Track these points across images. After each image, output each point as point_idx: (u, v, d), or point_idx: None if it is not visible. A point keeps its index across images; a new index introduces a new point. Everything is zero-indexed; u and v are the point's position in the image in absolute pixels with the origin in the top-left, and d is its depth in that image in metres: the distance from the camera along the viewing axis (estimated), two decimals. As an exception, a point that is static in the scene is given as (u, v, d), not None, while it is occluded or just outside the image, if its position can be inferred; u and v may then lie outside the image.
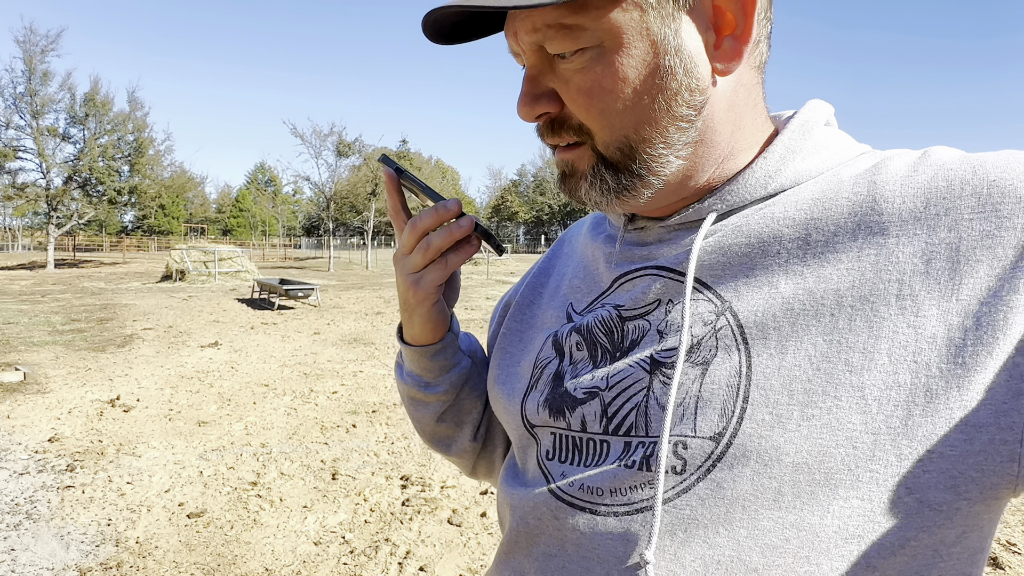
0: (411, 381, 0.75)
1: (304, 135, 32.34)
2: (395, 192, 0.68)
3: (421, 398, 0.76)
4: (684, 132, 0.51)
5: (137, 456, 4.51)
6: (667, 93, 0.49)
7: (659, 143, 0.51)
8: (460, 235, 0.63)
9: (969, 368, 0.42)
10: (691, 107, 0.50)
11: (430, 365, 0.73)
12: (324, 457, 4.57)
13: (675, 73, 0.49)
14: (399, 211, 0.68)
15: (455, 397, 0.76)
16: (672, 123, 0.50)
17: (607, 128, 0.51)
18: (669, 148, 0.51)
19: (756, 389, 0.47)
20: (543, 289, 0.73)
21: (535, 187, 71.07)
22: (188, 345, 8.82)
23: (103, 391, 6.21)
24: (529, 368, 0.66)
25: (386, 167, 0.67)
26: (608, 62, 0.49)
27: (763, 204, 0.53)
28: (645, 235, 0.60)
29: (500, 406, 0.69)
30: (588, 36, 0.48)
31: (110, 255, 45.46)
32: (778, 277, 0.50)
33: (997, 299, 0.42)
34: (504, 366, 0.71)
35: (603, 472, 0.54)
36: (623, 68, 0.49)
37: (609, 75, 0.49)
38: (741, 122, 0.54)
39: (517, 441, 0.66)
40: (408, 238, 0.65)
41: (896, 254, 0.46)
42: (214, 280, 20.65)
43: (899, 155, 0.52)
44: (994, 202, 0.44)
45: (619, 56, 0.48)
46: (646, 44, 0.48)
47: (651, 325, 0.56)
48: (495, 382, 0.71)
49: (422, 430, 0.80)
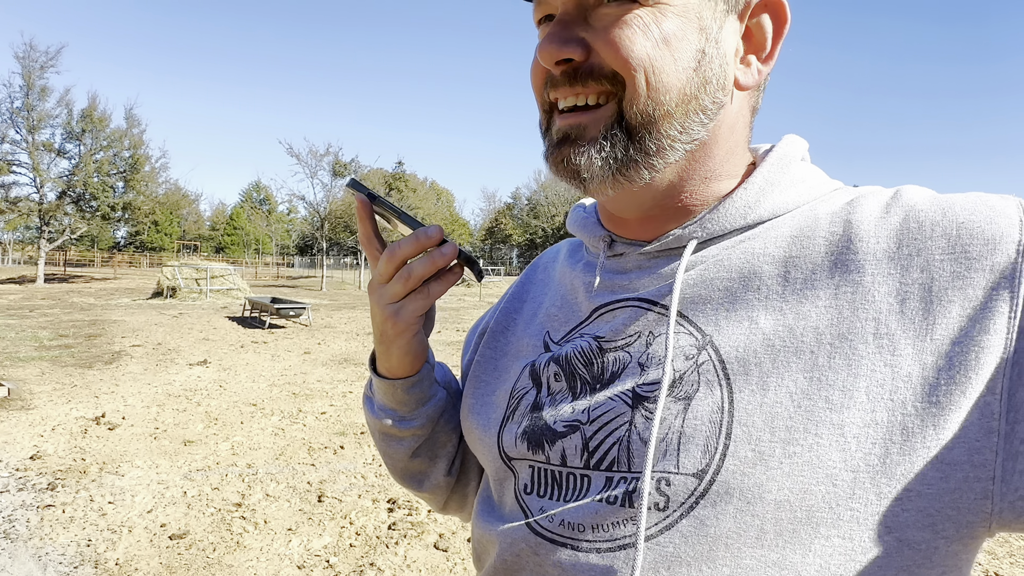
0: (384, 415, 0.71)
1: (300, 155, 32.50)
2: (367, 219, 0.64)
3: (395, 433, 0.71)
4: (698, 126, 0.52)
5: (120, 475, 4.44)
6: (702, 76, 0.50)
7: (677, 124, 0.51)
8: (444, 263, 0.61)
9: (943, 407, 0.43)
10: (713, 102, 0.52)
11: (406, 398, 0.69)
12: (311, 479, 4.52)
13: (712, 63, 0.51)
14: (371, 239, 0.64)
15: (431, 431, 0.72)
16: (696, 109, 0.51)
17: (645, 81, 0.49)
18: (681, 135, 0.51)
19: (739, 426, 0.47)
20: (517, 316, 0.72)
21: (529, 210, 71.38)
22: (176, 363, 8.74)
23: (88, 408, 6.14)
24: (505, 398, 0.64)
25: (357, 193, 0.62)
26: (659, 21, 0.49)
27: (743, 237, 0.54)
28: (624, 262, 0.59)
29: (475, 437, 0.67)
30: None
31: (101, 270, 45.16)
32: (758, 312, 0.50)
33: (968, 339, 0.43)
34: (479, 395, 0.68)
35: (584, 507, 0.53)
36: (674, 33, 0.49)
37: (660, 32, 0.49)
38: (735, 147, 0.56)
39: (494, 473, 0.64)
40: (386, 266, 0.61)
41: (872, 293, 0.47)
42: (205, 298, 20.55)
43: (872, 194, 0.53)
44: (963, 244, 0.46)
45: (670, 20, 0.49)
46: (695, 24, 0.50)
47: (632, 357, 0.55)
48: (469, 412, 0.68)
49: (394, 466, 0.76)
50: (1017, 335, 0.43)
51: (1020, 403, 0.42)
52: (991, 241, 0.45)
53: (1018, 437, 0.42)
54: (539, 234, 69.16)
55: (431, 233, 0.60)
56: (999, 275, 0.44)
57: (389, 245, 0.63)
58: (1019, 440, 0.42)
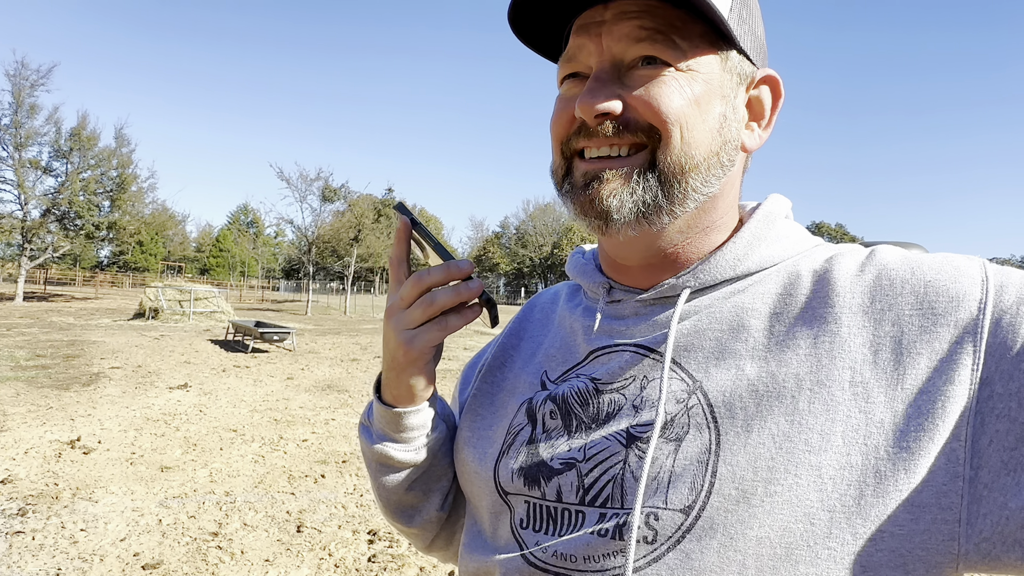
0: (383, 445, 0.69)
1: (291, 179, 32.50)
2: (404, 241, 0.65)
3: (394, 463, 0.70)
4: (716, 180, 0.57)
5: (94, 501, 4.34)
6: (723, 136, 0.57)
7: (701, 177, 0.56)
8: (468, 297, 0.62)
9: (913, 452, 0.46)
10: (729, 159, 0.58)
11: (409, 429, 0.69)
12: (290, 508, 4.43)
13: (731, 126, 0.57)
14: (402, 262, 0.66)
15: (429, 464, 0.72)
16: (716, 165, 0.56)
17: (680, 135, 0.54)
18: (703, 187, 0.56)
19: (724, 465, 0.50)
20: (515, 352, 0.74)
21: (517, 240, 71.80)
22: (156, 386, 8.60)
23: (63, 431, 6.00)
24: (502, 433, 0.66)
25: (402, 215, 0.64)
26: (691, 84, 0.54)
27: (732, 289, 0.58)
28: (622, 308, 0.63)
29: (470, 469, 0.68)
30: (678, 56, 0.54)
31: (82, 290, 44.53)
32: (745, 361, 0.54)
33: (935, 389, 0.47)
34: (475, 429, 0.70)
35: (576, 539, 0.55)
36: (703, 96, 0.55)
37: (692, 94, 0.54)
38: (732, 203, 0.62)
39: (489, 507, 0.65)
40: (411, 290, 0.62)
41: (848, 343, 0.51)
42: (188, 320, 20.30)
43: (850, 252, 0.58)
44: (930, 300, 0.50)
45: (699, 85, 0.55)
46: (719, 91, 0.56)
47: (626, 400, 0.58)
48: (465, 444, 0.70)
49: (387, 499, 0.74)
50: (979, 386, 0.46)
51: (983, 450, 0.45)
52: (955, 299, 0.49)
53: (981, 482, 0.45)
54: (526, 263, 69.41)
55: (462, 266, 0.61)
56: (963, 330, 0.48)
57: (417, 271, 0.64)
58: (982, 485, 0.45)
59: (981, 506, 0.45)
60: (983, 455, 0.45)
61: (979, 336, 0.47)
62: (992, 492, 0.44)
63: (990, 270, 0.51)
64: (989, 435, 0.45)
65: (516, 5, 0.58)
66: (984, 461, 0.45)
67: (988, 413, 0.46)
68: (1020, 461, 0.44)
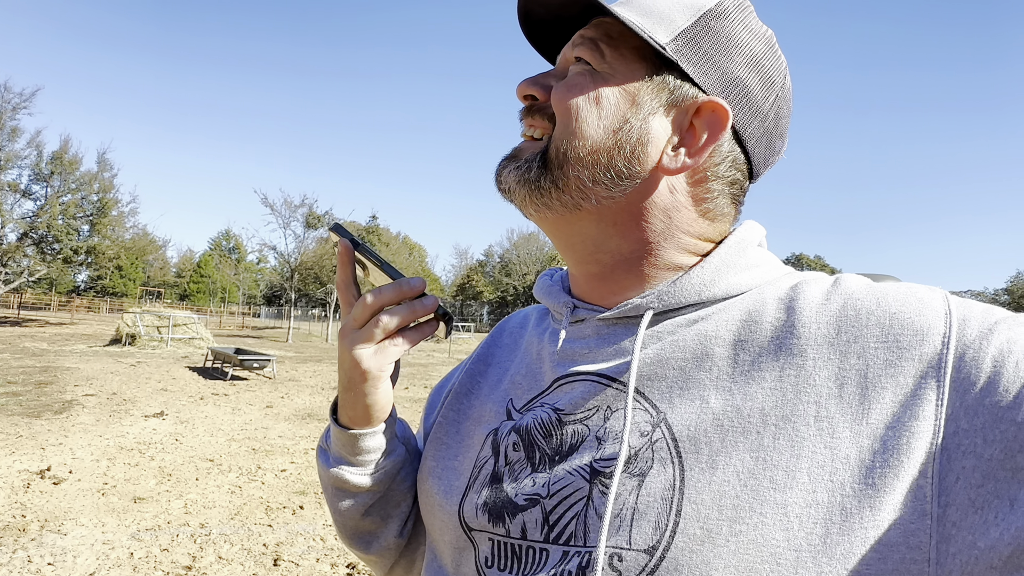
0: (340, 468, 0.68)
1: (274, 205, 32.45)
2: (348, 264, 0.65)
3: (350, 488, 0.69)
4: (610, 183, 0.57)
5: (63, 534, 4.20)
6: (617, 139, 0.57)
7: (589, 173, 0.57)
8: (423, 314, 0.62)
9: (879, 489, 0.45)
10: (627, 169, 0.57)
11: (365, 452, 0.67)
12: (267, 540, 4.33)
13: (631, 133, 0.57)
14: (350, 284, 0.65)
15: (386, 488, 0.70)
16: (608, 166, 0.57)
17: (569, 124, 0.58)
18: (593, 185, 0.57)
19: (689, 504, 0.49)
20: (482, 379, 0.73)
21: (501, 268, 71.96)
22: (131, 414, 8.41)
23: (33, 461, 5.83)
24: (469, 466, 0.65)
25: (342, 237, 0.62)
26: (598, 83, 0.58)
27: (697, 316, 0.58)
28: (584, 328, 0.62)
29: (434, 502, 0.66)
30: (599, 60, 0.58)
31: (57, 315, 43.65)
32: (709, 392, 0.53)
33: (900, 424, 0.46)
34: (440, 458, 0.68)
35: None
36: (607, 96, 0.58)
37: (595, 92, 0.58)
38: (677, 231, 0.60)
39: (453, 542, 0.63)
40: (363, 311, 0.62)
41: (814, 377, 0.50)
42: (166, 346, 19.95)
43: (815, 281, 0.58)
44: (895, 333, 0.49)
45: (609, 87, 0.58)
46: (629, 98, 0.58)
47: (589, 431, 0.57)
48: (430, 475, 0.68)
49: (344, 524, 0.72)
50: (945, 422, 0.45)
51: (950, 487, 0.44)
52: (920, 332, 0.49)
53: (949, 520, 0.44)
54: (510, 292, 69.47)
55: (415, 284, 0.62)
56: (927, 364, 0.47)
57: (370, 290, 0.63)
58: (951, 523, 0.44)
59: (950, 545, 0.43)
60: (950, 492, 0.44)
61: (943, 371, 0.47)
62: (961, 531, 0.43)
63: (952, 303, 0.51)
64: (956, 472, 0.44)
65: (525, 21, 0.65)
66: (952, 499, 0.44)
67: (954, 450, 0.45)
68: (988, 499, 0.43)
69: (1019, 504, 0.42)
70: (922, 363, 0.48)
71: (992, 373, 0.45)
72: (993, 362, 0.46)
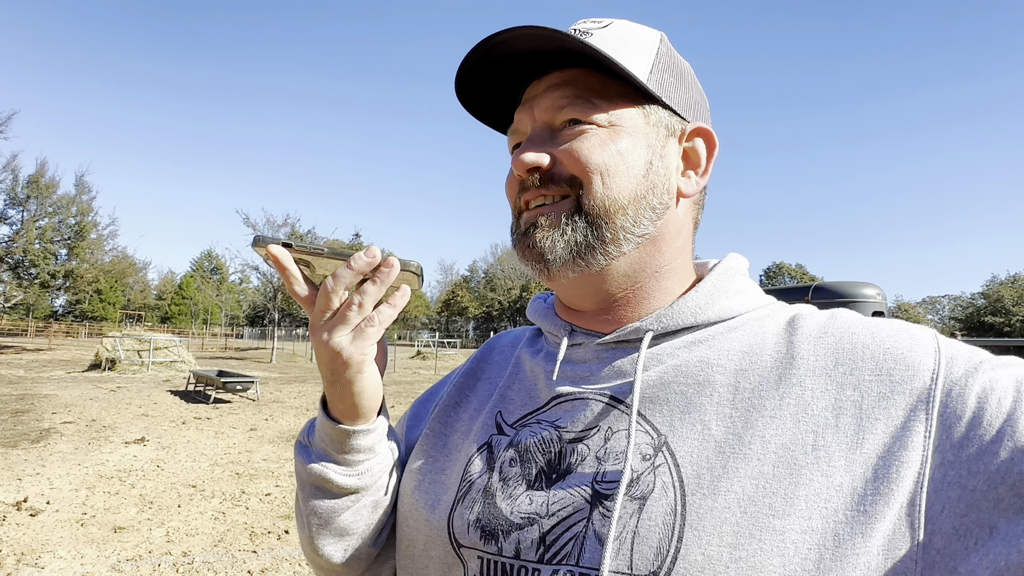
0: (324, 465, 0.64)
1: (257, 225, 32.25)
2: (290, 268, 0.57)
3: (332, 488, 0.64)
4: (648, 222, 0.61)
5: (40, 567, 4.09)
6: (649, 181, 0.61)
7: (630, 217, 0.60)
8: (391, 280, 0.57)
9: (870, 516, 0.47)
10: (660, 203, 0.61)
11: (355, 451, 0.64)
12: (251, 567, 4.25)
13: (658, 172, 0.62)
14: (303, 287, 0.59)
15: (370, 492, 0.67)
16: (646, 207, 0.60)
17: (601, 181, 0.59)
18: (634, 227, 0.60)
19: (690, 530, 0.50)
20: (471, 392, 0.73)
21: (486, 283, 71.97)
22: (111, 441, 8.24)
23: (9, 492, 5.69)
24: (456, 479, 0.64)
25: (269, 247, 0.56)
26: (615, 139, 0.60)
27: (694, 339, 0.60)
28: (583, 352, 0.64)
29: (419, 516, 0.64)
30: (601, 116, 0.60)
31: (35, 341, 42.80)
32: (711, 418, 0.55)
33: (891, 454, 0.49)
34: (426, 471, 0.67)
35: None
36: (627, 148, 0.60)
37: (616, 147, 0.60)
38: (681, 250, 0.65)
39: (440, 558, 0.61)
40: (327, 299, 0.57)
41: (812, 407, 0.53)
42: (147, 370, 19.62)
43: (812, 315, 0.61)
44: (888, 367, 0.52)
45: (624, 139, 0.60)
46: (644, 142, 0.61)
47: (590, 451, 0.57)
48: (414, 489, 0.66)
49: (316, 528, 0.67)
50: (932, 453, 0.48)
51: (936, 516, 0.46)
52: (911, 367, 0.52)
53: (934, 548, 0.46)
54: (495, 307, 69.46)
55: (371, 254, 0.56)
56: (917, 398, 0.50)
57: (325, 280, 0.57)
58: (935, 551, 0.46)
59: (934, 571, 0.45)
60: (936, 521, 0.46)
61: (931, 405, 0.49)
62: (944, 558, 0.45)
63: (941, 341, 0.54)
64: (941, 502, 0.46)
65: (461, 82, 0.65)
66: (937, 527, 0.46)
67: (940, 480, 0.47)
68: (970, 527, 0.45)
69: (998, 532, 0.44)
70: (912, 396, 0.50)
71: (977, 409, 0.48)
72: (977, 399, 0.48)
